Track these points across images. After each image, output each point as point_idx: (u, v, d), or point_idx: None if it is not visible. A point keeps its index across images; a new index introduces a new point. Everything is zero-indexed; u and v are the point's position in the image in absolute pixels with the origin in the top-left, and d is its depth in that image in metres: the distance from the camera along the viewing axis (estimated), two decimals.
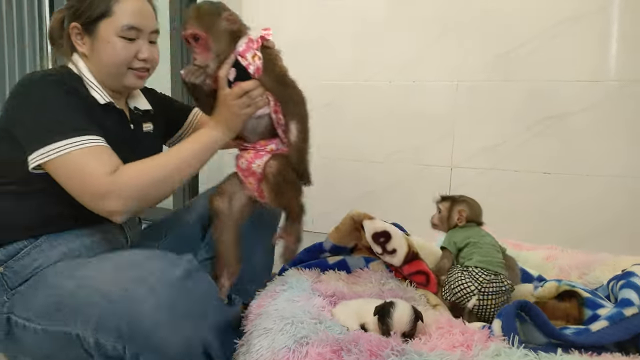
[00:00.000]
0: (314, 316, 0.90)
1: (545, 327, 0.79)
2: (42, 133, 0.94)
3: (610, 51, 1.62)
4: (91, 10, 1.03)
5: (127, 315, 0.80)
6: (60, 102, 0.97)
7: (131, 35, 1.05)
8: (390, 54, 1.90)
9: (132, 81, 1.10)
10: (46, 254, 0.99)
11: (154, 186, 0.98)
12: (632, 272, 0.98)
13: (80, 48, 1.06)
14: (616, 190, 1.64)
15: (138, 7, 1.06)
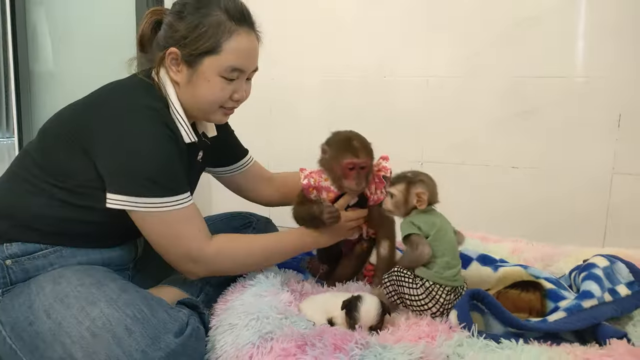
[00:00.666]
0: (280, 311, 0.90)
1: (500, 315, 0.80)
2: (138, 181, 0.90)
3: (576, 48, 1.66)
4: (199, 44, 0.95)
5: None
6: (160, 150, 0.92)
7: (233, 76, 0.99)
8: (360, 50, 1.90)
9: (219, 118, 1.06)
10: (65, 260, 0.96)
11: (236, 268, 1.05)
12: (594, 263, 1.00)
13: (174, 75, 0.99)
14: (581, 184, 1.68)
15: (247, 48, 1.00)
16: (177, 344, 0.79)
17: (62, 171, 0.94)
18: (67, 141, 0.94)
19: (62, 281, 0.88)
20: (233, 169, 1.29)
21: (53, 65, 2.58)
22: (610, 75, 1.61)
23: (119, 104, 0.94)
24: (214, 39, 0.95)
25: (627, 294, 0.93)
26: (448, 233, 0.97)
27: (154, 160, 0.91)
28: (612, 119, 1.63)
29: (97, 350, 0.77)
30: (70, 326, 0.80)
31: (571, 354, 0.73)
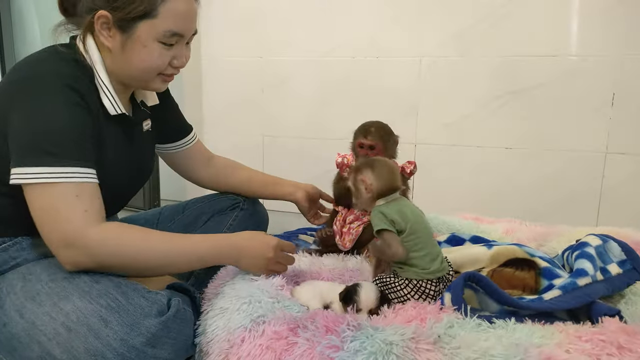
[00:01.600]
0: (271, 295, 0.89)
1: (495, 294, 0.80)
2: (33, 149, 0.81)
3: (569, 26, 1.64)
4: (132, 7, 0.86)
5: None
6: (58, 115, 0.83)
7: (172, 41, 0.92)
8: (353, 30, 1.87)
9: (158, 86, 0.99)
10: (27, 252, 0.93)
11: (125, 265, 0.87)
12: (586, 242, 1.00)
13: (105, 41, 0.90)
14: (575, 164, 1.68)
15: (185, 10, 0.91)
16: (157, 327, 0.77)
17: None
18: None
19: (32, 278, 0.85)
20: (177, 146, 1.22)
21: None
22: (604, 53, 1.60)
23: (25, 76, 0.86)
24: (149, 2, 0.87)
25: (619, 272, 0.94)
26: (422, 221, 0.92)
27: (47, 126, 0.82)
28: (606, 98, 1.62)
29: (74, 345, 0.75)
30: (44, 324, 0.77)
31: (563, 332, 0.73)
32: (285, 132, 2.03)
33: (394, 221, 0.89)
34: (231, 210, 1.26)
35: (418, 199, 1.86)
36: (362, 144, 1.15)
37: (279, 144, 2.06)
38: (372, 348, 0.70)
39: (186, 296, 0.93)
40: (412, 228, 0.89)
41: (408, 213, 0.91)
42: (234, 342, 0.80)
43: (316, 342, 0.73)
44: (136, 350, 0.75)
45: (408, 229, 0.89)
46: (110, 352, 0.74)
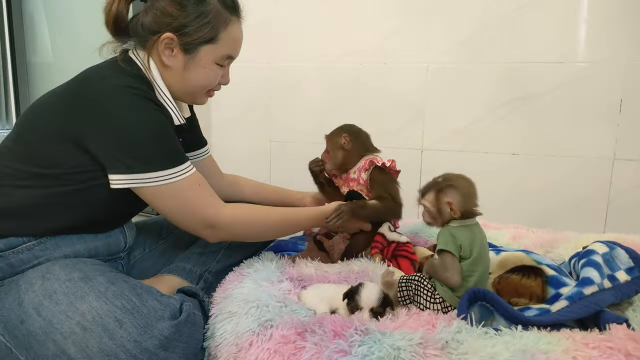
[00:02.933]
0: (279, 299, 0.90)
1: (505, 312, 0.79)
2: (138, 157, 0.89)
3: (577, 33, 1.64)
4: (200, 34, 0.97)
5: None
6: (156, 123, 0.93)
7: (225, 62, 1.04)
8: (360, 36, 1.89)
9: (203, 101, 1.10)
10: (50, 252, 0.95)
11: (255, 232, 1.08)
12: (593, 249, 0.99)
13: (166, 60, 0.98)
14: (582, 171, 1.67)
15: (239, 36, 1.05)
16: (170, 331, 0.79)
17: (46, 160, 0.92)
18: (48, 131, 0.92)
19: (50, 277, 0.87)
20: (193, 156, 1.27)
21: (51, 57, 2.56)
22: (611, 60, 1.60)
23: (99, 88, 0.91)
24: (214, 30, 0.98)
25: (627, 279, 0.93)
26: (486, 254, 0.91)
27: (149, 134, 0.91)
28: (614, 104, 1.62)
29: (89, 344, 0.76)
30: (60, 322, 0.79)
31: (570, 339, 0.72)
32: (293, 138, 2.04)
33: (461, 247, 0.87)
34: None
35: None
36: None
37: (287, 150, 2.07)
38: (380, 353, 0.70)
39: (195, 300, 0.94)
40: (475, 259, 0.87)
41: (478, 243, 0.88)
42: (242, 346, 0.81)
43: (324, 346, 0.74)
44: (149, 352, 0.76)
45: (471, 259, 0.87)
46: (124, 353, 0.76)
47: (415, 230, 1.39)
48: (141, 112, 0.91)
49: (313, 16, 1.95)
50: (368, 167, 1.21)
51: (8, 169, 0.93)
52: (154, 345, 0.77)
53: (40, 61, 2.57)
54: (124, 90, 0.91)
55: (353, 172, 1.25)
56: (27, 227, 0.94)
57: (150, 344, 0.77)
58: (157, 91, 0.98)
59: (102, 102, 0.89)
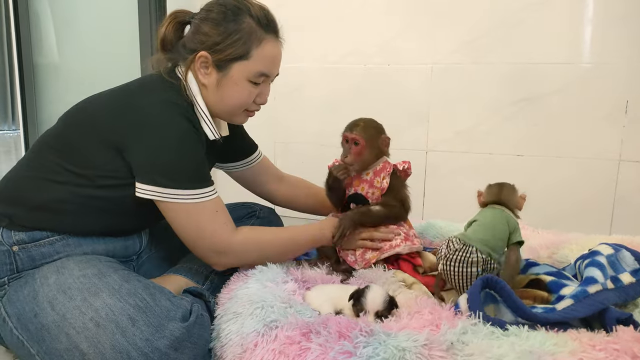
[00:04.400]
0: (284, 300, 0.90)
1: (513, 304, 0.80)
2: (167, 172, 0.93)
3: (583, 34, 1.63)
4: (231, 50, 1.00)
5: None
6: (190, 144, 0.96)
7: (259, 80, 1.04)
8: (364, 37, 1.89)
9: (241, 120, 1.12)
10: (71, 249, 0.97)
11: (263, 258, 1.06)
12: (598, 251, 0.99)
13: (202, 78, 1.02)
14: (587, 172, 1.67)
15: (274, 55, 1.06)
16: (181, 332, 0.80)
17: (84, 161, 0.96)
18: (91, 134, 0.96)
19: (64, 272, 0.89)
20: (243, 164, 1.31)
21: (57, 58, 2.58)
22: (618, 61, 1.59)
23: (146, 100, 0.96)
24: (246, 46, 1.00)
25: (631, 281, 0.93)
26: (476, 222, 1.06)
27: (182, 153, 0.94)
28: (620, 105, 1.61)
29: (101, 340, 0.77)
30: (73, 317, 0.80)
31: (577, 340, 0.72)
32: (297, 139, 2.05)
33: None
34: (248, 219, 1.33)
35: (429, 205, 1.88)
36: (347, 138, 1.16)
37: (291, 151, 2.07)
38: (385, 354, 0.70)
39: (201, 300, 0.95)
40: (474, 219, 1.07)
41: (478, 215, 1.08)
42: (247, 347, 0.81)
43: (329, 347, 0.74)
44: (159, 352, 0.77)
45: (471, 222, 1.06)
46: (135, 351, 0.76)
47: (420, 230, 1.39)
48: (179, 130, 0.95)
49: (317, 17, 1.95)
50: (388, 171, 1.17)
51: (48, 163, 0.97)
52: (165, 345, 0.78)
53: (46, 62, 2.59)
54: (168, 106, 0.96)
55: (366, 172, 1.18)
56: (53, 222, 0.96)
57: (162, 344, 0.78)
58: (195, 106, 1.02)
59: (146, 114, 0.94)
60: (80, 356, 0.78)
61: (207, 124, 1.03)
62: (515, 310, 0.80)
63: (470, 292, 0.82)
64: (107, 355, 0.77)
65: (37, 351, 0.83)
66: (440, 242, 1.33)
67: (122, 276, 0.88)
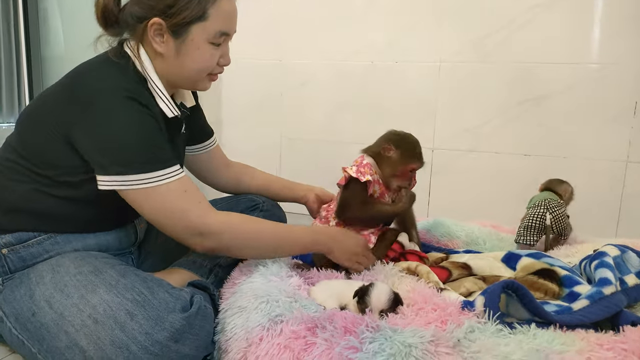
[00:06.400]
0: (289, 295, 0.89)
1: (530, 305, 0.79)
2: (122, 159, 0.87)
3: (591, 34, 1.62)
4: (186, 12, 0.91)
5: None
6: (138, 126, 0.89)
7: (220, 41, 0.97)
8: (372, 34, 1.88)
9: (206, 85, 1.04)
10: (60, 246, 0.96)
11: (246, 247, 0.99)
12: (604, 252, 0.99)
13: (158, 47, 0.94)
14: (595, 173, 1.66)
15: (231, 10, 0.98)
16: (181, 323, 0.79)
17: (43, 160, 0.92)
18: (44, 131, 0.91)
19: (60, 270, 0.88)
20: (200, 148, 1.25)
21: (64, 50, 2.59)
22: (625, 62, 1.58)
23: (90, 88, 0.89)
24: (201, 6, 0.92)
25: (636, 283, 0.93)
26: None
27: (134, 135, 0.88)
28: (628, 106, 1.60)
29: (100, 336, 0.77)
30: (72, 315, 0.80)
31: (585, 340, 0.72)
32: (304, 135, 2.04)
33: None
34: (251, 211, 1.28)
35: (435, 204, 1.87)
36: (414, 169, 1.16)
37: (297, 146, 2.07)
38: (391, 350, 0.70)
39: (206, 293, 0.94)
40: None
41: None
42: (252, 341, 0.81)
43: (335, 342, 0.74)
44: (160, 344, 0.77)
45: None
46: (135, 345, 0.76)
47: (427, 227, 1.38)
48: (127, 114, 0.88)
49: (325, 13, 1.94)
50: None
51: (10, 164, 0.94)
52: (165, 337, 0.77)
53: (53, 55, 2.59)
54: (113, 91, 0.89)
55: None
56: (32, 223, 0.94)
57: (162, 336, 0.77)
58: (149, 83, 0.95)
59: (91, 103, 0.88)
60: (81, 353, 0.78)
61: (164, 100, 0.96)
62: (533, 312, 0.79)
63: (491, 293, 0.81)
64: (107, 351, 0.76)
65: (38, 350, 0.83)
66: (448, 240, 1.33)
67: (119, 271, 0.87)
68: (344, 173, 1.14)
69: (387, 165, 1.15)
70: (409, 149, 1.15)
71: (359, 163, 1.14)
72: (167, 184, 0.89)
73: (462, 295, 0.95)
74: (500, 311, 0.79)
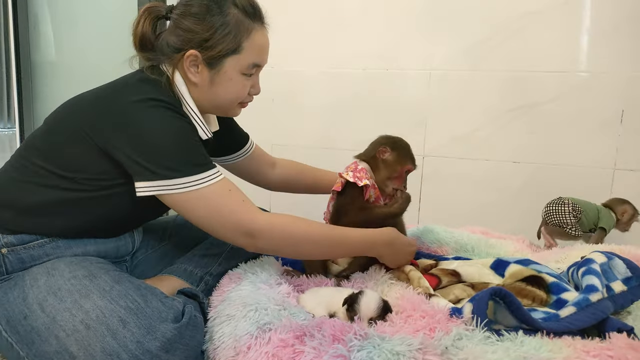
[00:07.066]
0: (278, 303, 0.89)
1: (518, 312, 0.79)
2: (165, 163, 0.88)
3: (580, 43, 1.64)
4: (222, 46, 0.95)
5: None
6: (179, 131, 0.91)
7: (252, 72, 1.02)
8: (364, 42, 1.89)
9: (236, 113, 1.09)
10: (61, 251, 0.95)
11: (297, 247, 0.97)
12: (591, 259, 0.99)
13: (192, 77, 0.98)
14: (583, 180, 1.67)
15: (264, 44, 1.02)
16: (173, 333, 0.79)
17: (69, 164, 0.92)
18: (76, 137, 0.91)
19: (55, 273, 0.87)
20: (237, 156, 1.29)
21: (55, 55, 2.57)
22: (614, 70, 1.60)
23: (130, 99, 0.91)
24: (236, 40, 0.96)
25: (623, 290, 0.93)
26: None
27: (173, 142, 0.90)
28: (615, 114, 1.62)
29: (91, 342, 0.77)
30: (64, 320, 0.79)
31: (571, 347, 0.72)
32: (295, 142, 2.05)
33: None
34: None
35: (425, 210, 1.88)
36: (410, 170, 1.18)
37: (289, 154, 2.06)
38: (379, 358, 0.70)
39: (195, 302, 0.94)
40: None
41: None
42: (240, 350, 0.80)
43: (323, 351, 0.73)
44: (150, 353, 0.76)
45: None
46: (126, 354, 0.75)
47: (417, 234, 1.38)
48: (166, 120, 0.91)
49: (317, 21, 1.95)
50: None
51: (33, 167, 0.94)
52: (156, 347, 0.77)
53: (44, 60, 2.58)
54: (151, 102, 0.91)
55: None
56: (41, 226, 0.94)
57: (153, 346, 0.77)
58: (184, 106, 0.98)
59: (131, 112, 0.90)
60: (70, 359, 0.77)
61: (199, 123, 0.99)
62: (520, 319, 0.80)
63: (479, 300, 0.81)
64: (97, 357, 0.76)
65: (26, 354, 0.82)
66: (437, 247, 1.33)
67: (113, 277, 0.87)
68: (339, 179, 1.14)
69: (383, 167, 1.15)
70: (405, 150, 1.18)
71: (354, 168, 1.14)
72: (210, 185, 0.90)
73: (451, 302, 0.95)
74: (488, 318, 0.80)
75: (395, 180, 1.15)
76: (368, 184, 1.11)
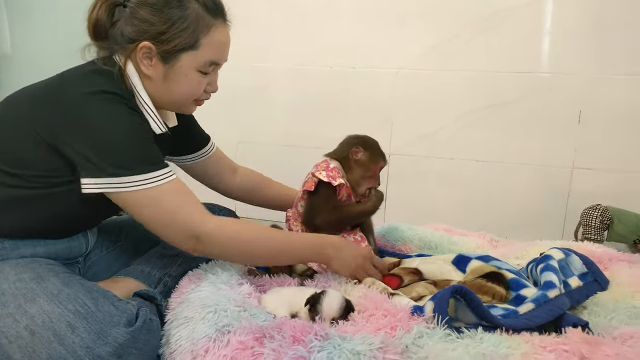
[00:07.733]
0: (238, 304, 0.87)
1: (478, 309, 0.79)
2: (114, 160, 0.84)
3: (543, 44, 1.69)
4: (178, 40, 0.91)
5: None
6: (130, 128, 0.88)
7: (209, 70, 0.98)
8: (331, 40, 1.88)
9: (191, 110, 1.06)
10: (7, 253, 0.90)
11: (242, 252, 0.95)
12: (549, 255, 1.02)
13: (145, 70, 0.93)
14: (543, 178, 1.72)
15: (224, 41, 0.98)
16: (125, 338, 0.76)
17: (16, 160, 0.88)
18: (24, 132, 0.87)
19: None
20: (196, 157, 1.24)
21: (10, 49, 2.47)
22: (574, 72, 1.65)
23: (79, 91, 0.87)
24: (194, 35, 0.92)
25: (579, 285, 0.96)
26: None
27: (124, 138, 0.86)
28: (574, 115, 1.67)
29: (36, 349, 0.73)
30: (6, 326, 0.75)
31: (529, 342, 0.73)
32: (261, 139, 2.02)
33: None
34: None
35: (391, 209, 1.88)
36: (382, 167, 1.19)
37: (254, 151, 2.04)
38: (340, 358, 0.69)
39: (152, 305, 0.90)
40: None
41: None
42: (197, 353, 0.78)
43: (282, 352, 0.72)
44: (101, 359, 0.73)
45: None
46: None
47: (382, 232, 1.39)
48: (118, 115, 0.87)
49: (284, 17, 1.94)
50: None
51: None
52: (107, 353, 0.74)
53: None
54: (102, 95, 0.87)
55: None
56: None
57: (104, 351, 0.73)
58: (137, 99, 0.94)
59: (79, 106, 0.85)
60: None
61: (152, 116, 0.95)
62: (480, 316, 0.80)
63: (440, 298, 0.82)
64: None
65: None
66: (402, 245, 1.34)
67: (63, 280, 0.82)
68: (312, 178, 1.12)
69: (356, 167, 1.15)
70: (376, 148, 1.18)
71: (326, 167, 1.13)
72: (160, 185, 0.87)
73: (414, 299, 0.95)
74: (449, 316, 0.80)
75: (369, 179, 1.16)
76: (343, 182, 1.10)
